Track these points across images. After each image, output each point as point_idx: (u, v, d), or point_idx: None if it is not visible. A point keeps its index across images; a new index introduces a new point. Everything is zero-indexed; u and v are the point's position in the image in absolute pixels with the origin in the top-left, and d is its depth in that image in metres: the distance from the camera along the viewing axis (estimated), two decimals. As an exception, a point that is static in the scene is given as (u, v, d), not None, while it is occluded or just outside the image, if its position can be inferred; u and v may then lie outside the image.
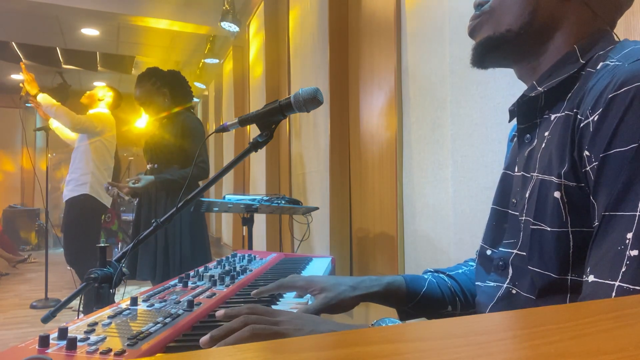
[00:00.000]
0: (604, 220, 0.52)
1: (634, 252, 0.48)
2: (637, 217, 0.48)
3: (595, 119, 0.54)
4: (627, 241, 0.48)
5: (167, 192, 2.41)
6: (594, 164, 0.53)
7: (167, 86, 2.50)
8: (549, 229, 0.59)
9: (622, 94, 0.52)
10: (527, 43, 0.68)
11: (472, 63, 0.74)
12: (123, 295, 0.89)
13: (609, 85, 0.53)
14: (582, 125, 0.56)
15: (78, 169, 3.23)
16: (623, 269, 0.48)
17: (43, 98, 3.06)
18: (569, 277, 0.58)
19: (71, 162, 3.32)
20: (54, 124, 3.52)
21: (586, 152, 0.55)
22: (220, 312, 0.63)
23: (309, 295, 0.85)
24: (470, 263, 0.90)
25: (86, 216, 3.23)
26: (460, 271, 0.87)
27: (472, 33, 0.74)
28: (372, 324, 0.61)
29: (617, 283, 0.49)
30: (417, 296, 0.81)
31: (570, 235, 0.57)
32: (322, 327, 0.60)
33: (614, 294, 0.48)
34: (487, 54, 0.71)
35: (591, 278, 0.52)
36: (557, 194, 0.58)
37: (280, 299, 0.89)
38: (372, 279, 0.82)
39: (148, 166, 2.55)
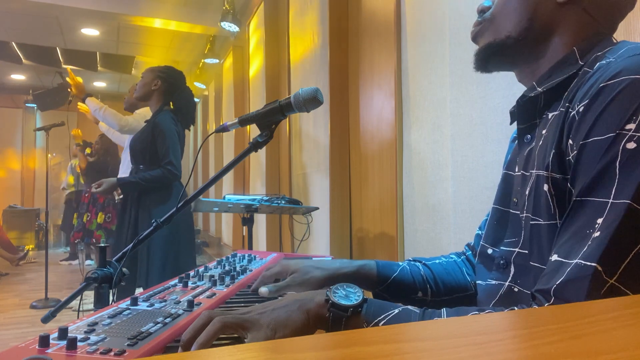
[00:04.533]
0: (575, 205, 0.53)
1: (597, 234, 0.49)
2: (609, 204, 0.50)
3: (581, 108, 0.55)
4: (597, 225, 0.50)
5: (139, 193, 2.35)
6: (575, 152, 0.55)
7: (165, 84, 2.45)
8: (542, 222, 0.60)
9: (612, 85, 0.53)
10: (526, 47, 0.70)
11: (475, 68, 0.76)
12: (114, 297, 0.89)
13: (602, 77, 0.55)
14: (570, 116, 0.57)
15: (128, 169, 3.20)
16: (584, 249, 0.50)
17: (90, 101, 3.04)
18: None
19: (121, 163, 3.27)
20: (103, 128, 3.54)
21: (570, 141, 0.56)
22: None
23: None
24: (452, 256, 0.94)
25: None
26: (437, 261, 0.91)
27: (474, 39, 0.76)
28: (327, 290, 0.62)
29: (575, 261, 0.50)
30: (387, 280, 0.86)
31: (559, 227, 0.58)
32: (282, 302, 0.62)
33: (569, 269, 0.50)
34: (489, 59, 0.74)
35: (554, 257, 0.53)
36: (545, 187, 0.59)
37: (284, 294, 0.90)
38: (344, 261, 0.87)
39: (132, 167, 2.52)
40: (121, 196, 2.65)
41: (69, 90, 3.15)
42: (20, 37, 5.90)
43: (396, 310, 0.60)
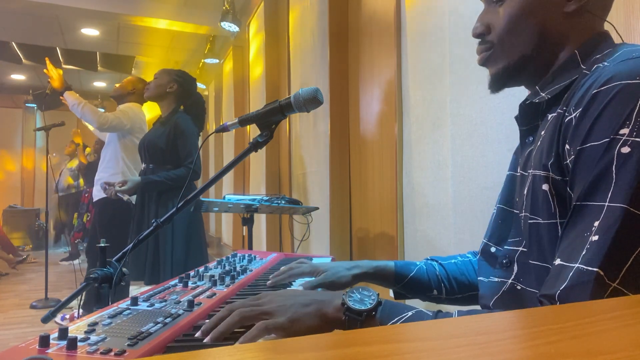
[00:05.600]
0: (575, 210, 0.55)
1: (595, 237, 0.51)
2: (605, 207, 0.51)
3: (577, 115, 0.57)
4: (594, 228, 0.51)
5: (159, 192, 2.40)
6: (572, 157, 0.56)
7: (181, 88, 2.49)
8: (542, 221, 0.61)
9: (605, 91, 0.54)
10: (540, 61, 0.70)
11: (491, 91, 0.75)
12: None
13: (595, 83, 0.56)
14: (566, 120, 0.59)
15: (108, 168, 3.10)
16: (583, 252, 0.51)
17: (69, 95, 2.98)
18: None
19: (101, 160, 3.20)
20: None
21: (567, 146, 0.58)
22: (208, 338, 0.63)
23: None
24: (469, 255, 0.97)
25: (117, 217, 3.09)
26: (452, 261, 0.96)
27: (485, 64, 0.75)
28: (344, 294, 0.64)
29: (576, 265, 0.51)
30: (405, 279, 0.93)
31: (559, 227, 0.59)
32: (301, 299, 0.65)
33: (571, 274, 0.51)
34: (507, 81, 0.73)
35: (557, 261, 0.54)
36: (545, 187, 0.61)
37: (290, 286, 0.95)
38: (366, 262, 0.96)
39: (142, 166, 2.54)
40: (128, 197, 2.66)
41: (48, 81, 3.05)
42: (20, 37, 5.90)
43: (409, 313, 0.61)
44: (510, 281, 0.69)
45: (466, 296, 0.92)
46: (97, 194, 3.11)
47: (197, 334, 0.63)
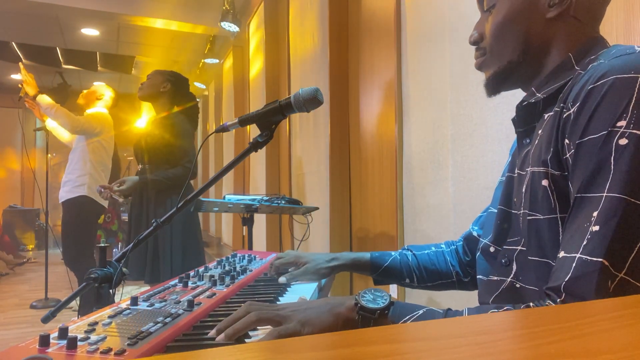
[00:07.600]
0: (576, 202, 0.56)
1: (595, 228, 0.52)
2: (603, 198, 0.52)
3: (575, 109, 0.58)
4: (593, 219, 0.52)
5: (157, 191, 2.42)
6: (572, 151, 0.58)
7: (174, 87, 2.52)
8: (541, 217, 0.62)
9: (599, 86, 0.56)
10: (529, 66, 0.72)
11: (487, 95, 0.79)
12: (122, 296, 0.90)
13: (590, 79, 0.58)
14: (564, 116, 0.60)
15: (75, 170, 3.20)
16: (584, 242, 0.52)
17: (42, 99, 3.04)
18: None
19: (68, 163, 3.28)
20: (50, 125, 3.50)
21: (566, 141, 0.59)
22: (220, 336, 0.64)
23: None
24: (442, 245, 1.04)
25: (84, 218, 3.20)
26: (425, 251, 1.03)
27: (480, 69, 0.79)
28: (356, 295, 0.66)
29: (577, 255, 0.52)
30: (380, 269, 1.02)
31: (559, 222, 0.60)
32: (314, 303, 0.67)
33: (574, 264, 0.52)
34: (499, 85, 0.76)
35: (562, 254, 0.55)
36: (544, 182, 0.62)
37: (284, 294, 0.95)
38: (344, 254, 1.06)
39: (139, 167, 2.55)
40: (121, 199, 2.67)
41: (19, 86, 3.13)
42: (20, 37, 5.90)
43: (420, 311, 0.63)
44: (509, 280, 0.70)
45: (436, 284, 1.00)
46: (64, 195, 3.18)
47: (211, 333, 0.64)
